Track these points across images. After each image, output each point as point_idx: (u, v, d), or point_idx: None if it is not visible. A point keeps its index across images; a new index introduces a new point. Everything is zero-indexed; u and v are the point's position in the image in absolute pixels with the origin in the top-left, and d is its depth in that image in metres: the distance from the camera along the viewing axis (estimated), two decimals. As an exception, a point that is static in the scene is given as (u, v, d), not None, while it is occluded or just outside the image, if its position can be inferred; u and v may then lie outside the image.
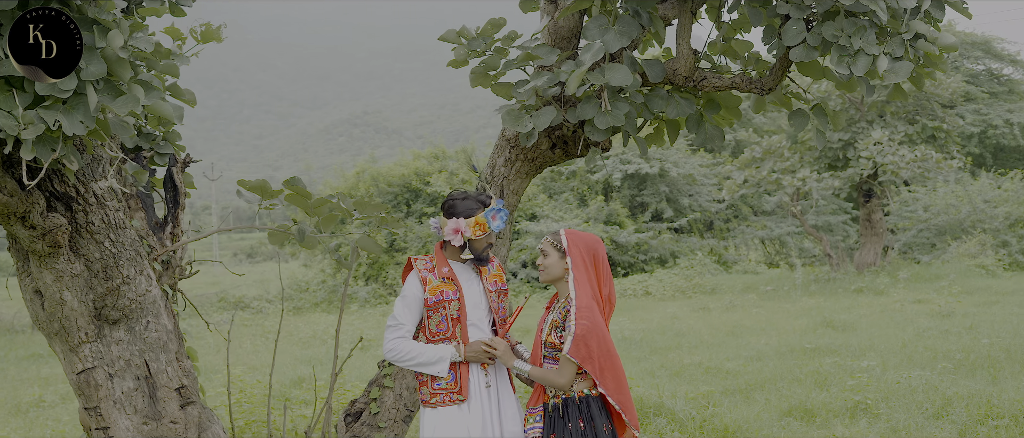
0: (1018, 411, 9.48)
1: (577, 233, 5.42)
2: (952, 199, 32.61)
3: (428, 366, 5.50)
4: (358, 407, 7.29)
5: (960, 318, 16.80)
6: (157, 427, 5.89)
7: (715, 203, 36.17)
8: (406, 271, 5.74)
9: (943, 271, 25.46)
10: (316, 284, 32.55)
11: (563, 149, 7.00)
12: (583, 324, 5.16)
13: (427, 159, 35.03)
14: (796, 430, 9.49)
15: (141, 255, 5.93)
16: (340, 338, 19.84)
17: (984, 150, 38.65)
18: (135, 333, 5.89)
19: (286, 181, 6.66)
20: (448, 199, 5.64)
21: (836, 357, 13.33)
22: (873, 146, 26.35)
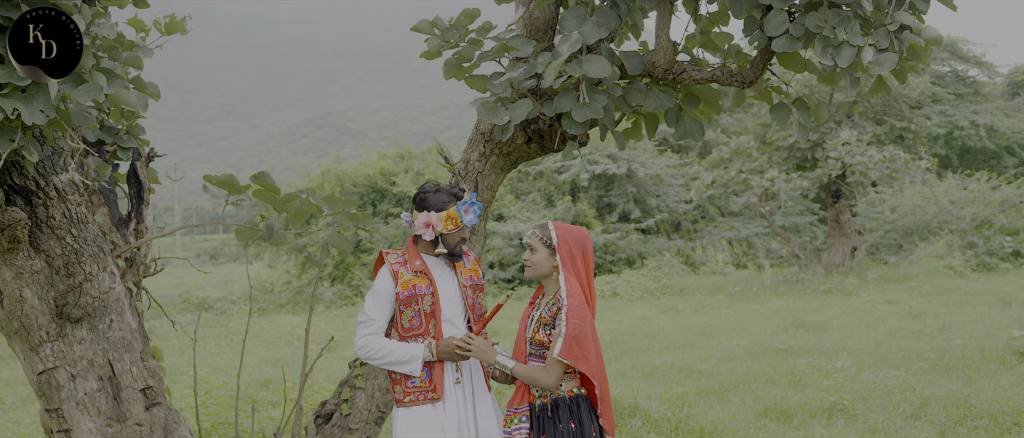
0: (996, 411, 9.38)
1: (566, 227, 5.21)
2: (919, 200, 32.65)
3: (399, 365, 5.31)
4: (329, 408, 7.10)
5: (931, 318, 16.75)
6: (121, 429, 5.68)
7: (683, 204, 36.10)
8: (377, 265, 5.55)
9: (912, 272, 25.47)
10: (281, 285, 32.30)
11: (539, 143, 6.83)
12: (575, 324, 4.96)
13: (393, 159, 34.82)
14: (773, 431, 9.36)
15: (104, 251, 5.72)
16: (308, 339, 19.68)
17: (950, 151, 38.77)
18: (98, 332, 5.68)
19: (254, 176, 6.47)
20: (420, 192, 5.46)
21: (809, 357, 13.23)
22: (841, 146, 26.33)
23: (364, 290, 30.52)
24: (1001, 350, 12.46)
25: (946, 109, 38.58)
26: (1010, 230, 31.38)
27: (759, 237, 36.30)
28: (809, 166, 28.37)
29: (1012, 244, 30.34)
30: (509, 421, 5.25)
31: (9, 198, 5.20)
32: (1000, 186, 33.63)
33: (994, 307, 18.05)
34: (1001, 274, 26.85)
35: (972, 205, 31.94)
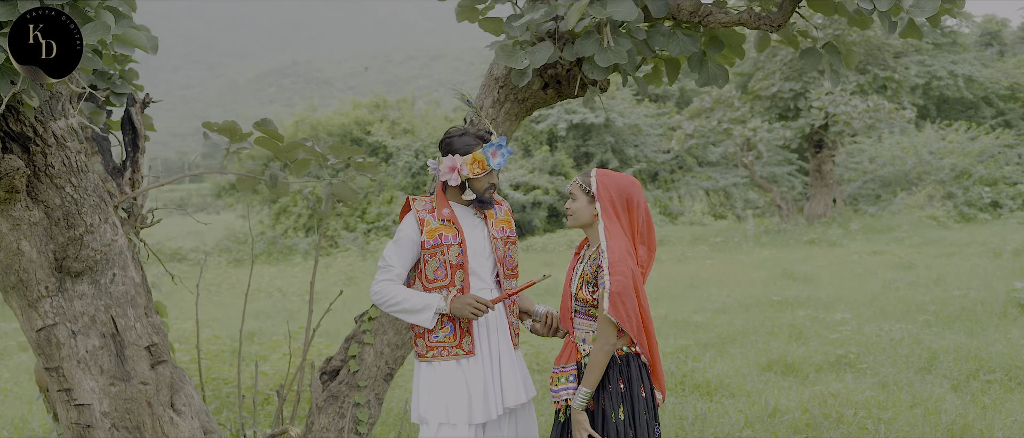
0: (1008, 364, 9.20)
1: (609, 174, 4.89)
2: (897, 151, 32.57)
3: (412, 314, 5.00)
4: (334, 364, 6.81)
5: (923, 270, 16.61)
6: (125, 388, 5.38)
7: (661, 154, 35.89)
8: (404, 212, 5.24)
9: (895, 222, 25.36)
10: (255, 236, 31.94)
11: (556, 89, 6.53)
12: (618, 280, 4.64)
13: (367, 108, 34.42)
14: (780, 385, 9.13)
15: (105, 201, 5.39)
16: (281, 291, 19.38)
17: (928, 102, 38.68)
18: (100, 286, 5.36)
19: (257, 123, 6.17)
20: (446, 136, 5.13)
21: (806, 310, 13.04)
22: (825, 96, 26.12)
23: (339, 240, 30.21)
24: (1002, 302, 12.29)
25: (924, 59, 38.44)
26: (988, 181, 31.36)
27: (737, 187, 36.17)
28: (792, 116, 28.15)
29: (991, 195, 30.31)
30: (556, 379, 4.96)
31: (5, 146, 4.87)
32: (978, 137, 33.59)
33: (984, 258, 17.92)
34: (981, 225, 26.79)
35: (951, 156, 31.89)
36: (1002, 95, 39.43)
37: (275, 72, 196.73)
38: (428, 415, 5.03)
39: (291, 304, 17.44)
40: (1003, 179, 31.72)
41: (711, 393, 8.93)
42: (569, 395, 4.89)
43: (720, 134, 27.14)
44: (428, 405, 5.05)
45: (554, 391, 4.96)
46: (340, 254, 27.14)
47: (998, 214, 29.33)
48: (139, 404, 5.43)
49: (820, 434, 6.97)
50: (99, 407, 5.37)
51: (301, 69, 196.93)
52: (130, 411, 5.42)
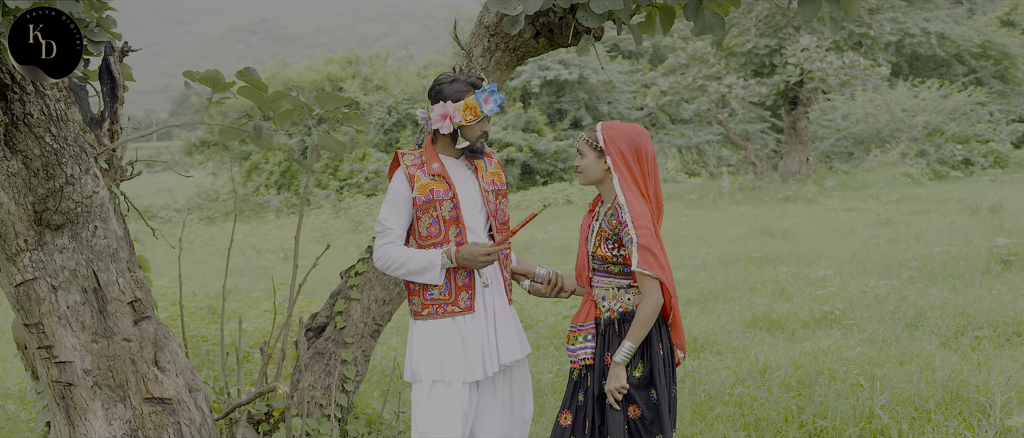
0: (996, 320, 9.14)
1: (615, 126, 4.73)
2: (870, 108, 32.55)
3: (418, 274, 4.85)
4: (320, 321, 6.66)
5: (901, 226, 16.58)
6: (108, 345, 5.19)
7: (634, 111, 35.74)
8: (393, 168, 5.07)
9: (870, 180, 25.36)
10: (225, 193, 31.67)
11: (548, 38, 6.35)
12: (643, 233, 4.53)
13: (340, 64, 34.12)
14: (767, 341, 9.05)
15: (86, 152, 5.20)
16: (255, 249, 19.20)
17: (901, 59, 38.68)
18: (81, 240, 5.17)
19: (239, 72, 5.96)
20: (435, 84, 4.95)
21: (787, 266, 12.97)
22: (800, 52, 26.01)
23: (312, 198, 30.02)
24: (984, 258, 12.25)
25: (897, 16, 38.39)
26: (960, 138, 31.41)
27: (710, 145, 36.09)
28: (767, 72, 28.03)
29: (963, 152, 30.36)
30: (573, 338, 4.83)
31: (-18, 93, 4.67)
32: (951, 95, 33.62)
33: (961, 215, 17.92)
34: (953, 182, 26.85)
35: (923, 113, 31.91)
36: (974, 53, 39.47)
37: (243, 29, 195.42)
38: (422, 373, 4.90)
39: (265, 261, 17.29)
40: (975, 137, 31.78)
41: (698, 350, 8.83)
42: (587, 355, 4.78)
43: (695, 91, 27.02)
44: (422, 363, 4.92)
45: (571, 350, 4.84)
46: (313, 212, 26.94)
47: (970, 172, 29.39)
48: (122, 361, 5.26)
49: (813, 391, 6.87)
50: (81, 364, 5.20)
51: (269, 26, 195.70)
52: (113, 368, 5.25)
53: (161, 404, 5.33)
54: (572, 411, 4.89)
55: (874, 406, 6.29)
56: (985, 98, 34.58)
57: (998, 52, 39.34)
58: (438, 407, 4.88)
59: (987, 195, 20.71)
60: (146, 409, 5.30)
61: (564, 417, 4.91)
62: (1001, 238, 12.77)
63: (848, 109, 32.95)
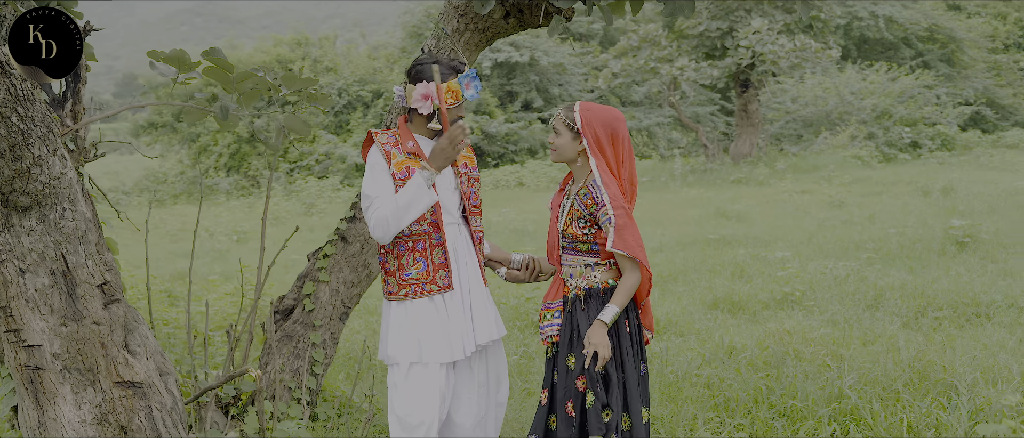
0: (955, 301, 9.22)
1: (593, 108, 4.74)
2: (819, 91, 32.76)
3: (415, 203, 4.66)
4: (288, 303, 6.60)
5: (854, 208, 16.70)
6: (78, 328, 5.12)
7: (585, 93, 35.76)
8: (366, 145, 4.99)
9: (821, 162, 25.52)
10: (174, 175, 31.38)
11: (518, 18, 6.33)
12: (620, 214, 4.56)
13: (289, 45, 33.87)
14: (729, 323, 9.08)
15: (54, 132, 5.10)
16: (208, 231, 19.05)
17: (849, 42, 38.91)
18: (49, 222, 5.08)
19: (204, 53, 5.88)
20: (416, 63, 4.89)
21: (745, 248, 13.02)
22: (752, 35, 26.11)
23: (262, 180, 29.81)
24: (940, 240, 12.37)
25: (846, 0, 38.65)
26: (908, 121, 31.69)
27: (660, 127, 36.17)
28: (719, 55, 28.12)
29: (910, 135, 30.62)
30: (543, 316, 4.86)
31: (-54, 72, 4.57)
32: (899, 78, 33.89)
33: (913, 197, 18.08)
34: (902, 164, 27.07)
35: (872, 96, 32.14)
36: (921, 36, 39.81)
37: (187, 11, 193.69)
38: (399, 355, 4.86)
39: (219, 244, 17.15)
40: (922, 119, 32.08)
41: (661, 332, 8.84)
42: (554, 331, 4.80)
43: (647, 73, 27.08)
44: (399, 344, 4.88)
45: (541, 328, 4.86)
46: (265, 194, 26.71)
47: (918, 154, 29.65)
48: (92, 345, 5.19)
49: (781, 372, 6.90)
50: (49, 348, 5.12)
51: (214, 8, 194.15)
52: (82, 352, 5.18)
53: (132, 388, 5.27)
54: (549, 389, 4.92)
55: (842, 386, 6.32)
56: (932, 81, 34.93)
57: (944, 36, 39.70)
58: (416, 389, 4.85)
59: (937, 177, 20.91)
60: (116, 393, 5.23)
61: (543, 396, 4.93)
62: (956, 219, 12.89)
63: (797, 92, 33.14)
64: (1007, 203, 15.76)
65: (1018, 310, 8.95)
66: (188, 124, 32.67)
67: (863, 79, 33.44)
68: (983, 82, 38.98)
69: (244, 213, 22.41)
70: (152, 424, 5.31)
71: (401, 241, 4.85)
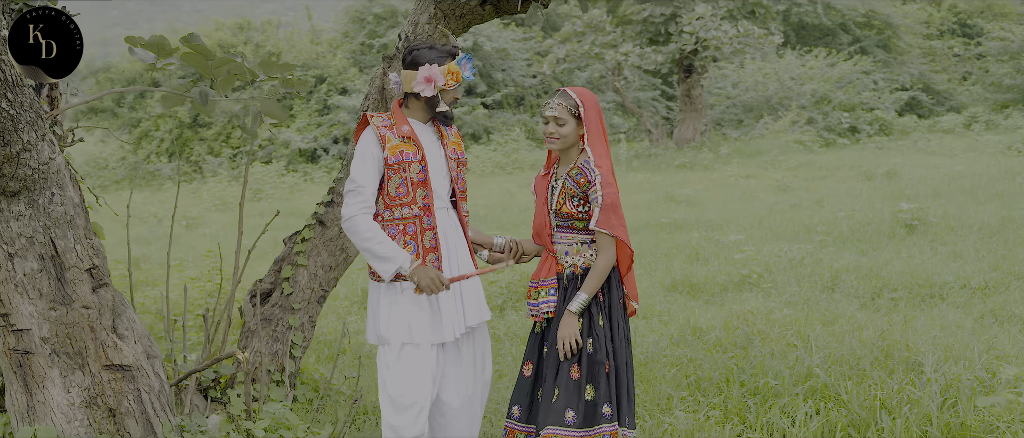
0: (909, 282, 9.45)
1: (583, 92, 4.89)
2: (760, 77, 33.08)
3: (375, 259, 4.87)
4: (265, 287, 6.66)
5: (801, 193, 16.95)
6: (67, 312, 5.16)
7: (528, 78, 35.84)
8: (360, 128, 5.10)
9: (764, 147, 25.81)
10: (115, 161, 31.11)
11: (495, 5, 6.42)
12: (609, 193, 4.75)
13: (231, 29, 33.64)
14: (689, 305, 9.23)
15: (42, 118, 5.13)
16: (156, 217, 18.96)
17: (788, 28, 39.26)
18: (38, 207, 5.12)
19: (183, 38, 5.92)
20: (411, 49, 4.99)
21: (698, 231, 13.20)
22: (695, 21, 26.32)
23: (204, 166, 29.66)
24: (889, 223, 12.61)
25: (786, -15, 38.99)
26: (847, 106, 32.10)
27: (603, 111, 36.28)
28: (662, 41, 28.31)
29: (849, 120, 31.02)
30: (535, 293, 4.98)
31: (-65, 58, 4.59)
32: (837, 63, 34.29)
33: (858, 181, 18.37)
34: (841, 149, 27.43)
35: (811, 82, 32.51)
36: (858, 22, 40.24)
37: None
38: (390, 335, 4.97)
39: (168, 229, 17.06)
40: (861, 105, 32.49)
41: (624, 313, 8.96)
42: (550, 308, 4.93)
43: (592, 58, 27.22)
44: (389, 325, 4.98)
45: (534, 304, 5.00)
46: (210, 179, 26.59)
47: (856, 139, 30.03)
48: (81, 328, 5.23)
49: (749, 352, 7.06)
50: (38, 332, 5.16)
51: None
52: (71, 336, 5.22)
53: (120, 371, 5.32)
54: (534, 362, 5.07)
55: (811, 365, 6.48)
56: (870, 67, 35.37)
57: (881, 21, 40.17)
58: (407, 369, 4.95)
59: (879, 162, 21.22)
60: (106, 376, 5.28)
61: (527, 368, 5.10)
62: (904, 203, 13.14)
63: (738, 77, 33.45)
64: (950, 187, 16.08)
65: (971, 291, 9.19)
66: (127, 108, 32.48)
67: (802, 65, 33.81)
68: (919, 68, 39.50)
69: (190, 198, 22.31)
70: (140, 406, 5.36)
71: (392, 224, 4.96)
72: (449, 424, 5.22)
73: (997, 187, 15.80)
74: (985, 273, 9.71)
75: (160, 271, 11.44)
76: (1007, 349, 6.87)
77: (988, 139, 26.48)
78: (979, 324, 7.98)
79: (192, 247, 14.16)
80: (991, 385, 5.81)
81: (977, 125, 31.56)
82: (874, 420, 5.57)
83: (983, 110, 33.65)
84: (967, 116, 33.12)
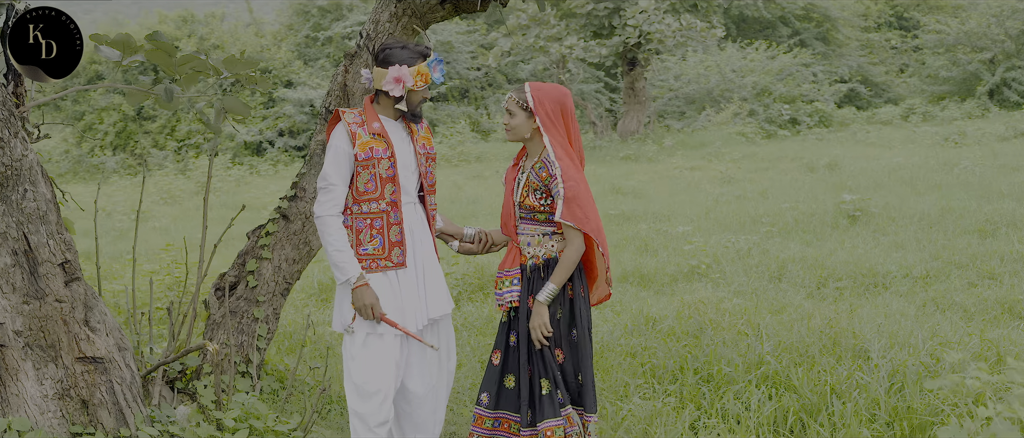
0: (853, 272, 9.70)
1: (543, 87, 5.06)
2: (701, 69, 33.39)
3: (334, 265, 5.09)
4: (230, 279, 6.76)
5: (745, 184, 17.21)
6: (40, 306, 5.26)
7: (472, 71, 35.93)
8: (332, 124, 5.24)
9: (707, 139, 26.11)
10: (58, 154, 30.88)
11: (454, 4, 6.57)
12: (570, 185, 4.91)
13: (174, 22, 33.46)
14: (641, 295, 9.43)
15: (14, 115, 5.22)
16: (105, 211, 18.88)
17: (729, 20, 39.61)
18: (11, 203, 5.21)
19: (148, 36, 6.02)
20: (384, 48, 5.13)
21: (645, 223, 13.41)
22: (639, 14, 26.54)
23: (149, 159, 29.53)
24: (832, 214, 12.89)
25: (725, -22, 39.34)
26: (787, 98, 32.50)
27: (545, 104, 36.38)
28: (606, 34, 28.53)
29: (789, 112, 31.42)
30: (500, 283, 5.16)
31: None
32: (777, 56, 34.69)
33: (800, 172, 18.68)
34: (782, 141, 27.80)
35: (752, 74, 32.87)
36: (797, 15, 40.70)
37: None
38: (355, 325, 5.12)
39: (118, 223, 17.09)
40: (800, 97, 32.92)
41: (573, 304, 9.13)
42: (513, 297, 5.13)
43: (537, 51, 27.38)
44: (355, 315, 5.12)
45: (499, 294, 5.19)
46: (158, 172, 26.48)
47: (797, 130, 30.43)
48: (54, 322, 5.34)
49: (701, 340, 7.25)
50: (12, 325, 5.26)
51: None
52: (45, 329, 5.33)
53: (93, 363, 5.43)
54: (502, 350, 5.26)
55: (762, 353, 6.68)
56: (809, 59, 35.82)
57: (819, 14, 40.65)
58: (372, 358, 5.12)
59: (820, 154, 21.57)
60: (78, 368, 5.39)
61: (495, 356, 5.29)
62: (846, 194, 13.43)
63: (680, 70, 33.74)
64: (890, 178, 16.40)
65: (913, 280, 9.45)
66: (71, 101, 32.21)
67: (743, 58, 34.17)
68: (857, 60, 40.06)
69: (134, 190, 22.23)
70: (113, 397, 5.48)
71: (360, 218, 5.13)
72: (414, 412, 5.38)
73: (935, 178, 16.16)
74: (926, 262, 9.98)
75: (115, 265, 11.47)
76: (950, 336, 7.12)
77: (925, 130, 26.96)
78: (922, 312, 8.24)
79: (144, 240, 14.18)
80: (936, 370, 6.04)
81: (914, 117, 32.09)
82: (825, 404, 5.78)
83: (920, 102, 34.18)
84: (904, 108, 33.68)
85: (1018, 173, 16.24)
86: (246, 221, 11.59)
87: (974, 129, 25.61)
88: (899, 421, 5.50)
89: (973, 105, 32.65)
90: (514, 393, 5.21)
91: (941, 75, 36.11)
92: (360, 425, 5.17)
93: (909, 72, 41.09)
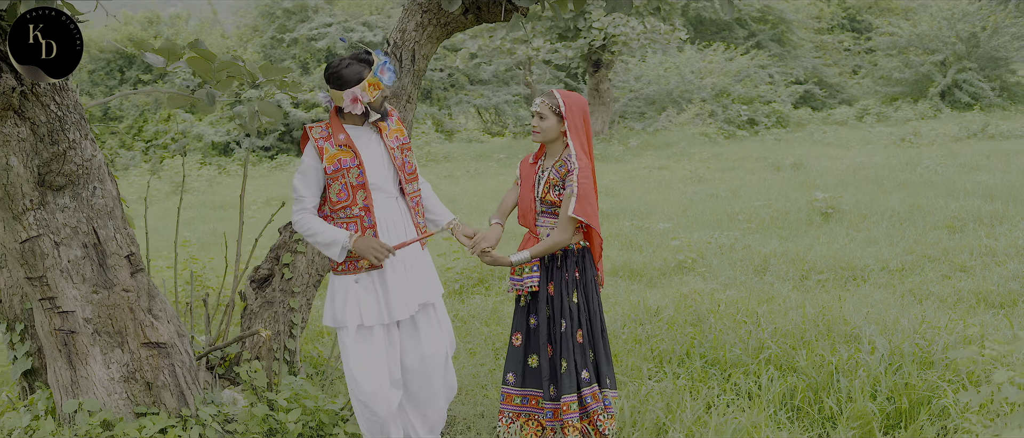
0: (833, 265, 10.19)
1: (570, 95, 5.57)
2: (661, 71, 33.86)
3: (324, 247, 5.44)
4: (263, 273, 7.16)
5: (715, 183, 17.67)
6: (109, 295, 5.65)
7: (436, 72, 36.24)
8: (303, 142, 5.59)
9: (672, 139, 26.57)
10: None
11: (476, 14, 6.99)
12: (584, 184, 5.41)
13: (140, 23, 33.54)
14: (632, 288, 9.85)
15: (84, 118, 5.62)
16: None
17: (687, 22, 40.16)
18: (81, 199, 5.61)
19: (190, 43, 6.42)
20: (330, 71, 5.41)
21: (626, 220, 13.82)
22: (604, 17, 26.98)
23: (117, 160, 29.66)
24: (806, 211, 13.39)
25: (685, -18, 39.89)
26: (745, 99, 33.07)
27: (508, 105, 36.84)
28: (572, 36, 28.98)
29: (747, 112, 31.99)
30: (519, 270, 5.63)
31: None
32: (735, 58, 35.26)
33: (766, 172, 19.17)
34: (741, 141, 28.29)
35: (711, 76, 33.40)
36: (754, 17, 41.36)
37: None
38: (346, 319, 5.51)
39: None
40: (758, 98, 33.50)
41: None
42: (533, 283, 5.62)
43: (504, 53, 27.75)
44: (344, 310, 5.53)
45: (518, 280, 5.66)
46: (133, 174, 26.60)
47: (755, 131, 30.97)
48: (121, 310, 5.71)
49: (704, 328, 7.69)
50: (82, 313, 5.63)
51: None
52: (112, 316, 5.70)
53: (157, 348, 5.82)
54: (522, 333, 5.77)
55: (764, 338, 7.15)
56: (766, 61, 36.45)
57: (775, 17, 41.33)
58: (365, 348, 5.53)
59: (783, 153, 22.12)
60: (143, 353, 5.78)
61: (516, 338, 5.80)
62: (818, 192, 13.95)
63: (641, 71, 34.20)
64: (856, 177, 16.94)
65: (890, 272, 9.96)
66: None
67: (702, 59, 34.72)
68: (811, 61, 40.80)
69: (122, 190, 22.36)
70: (175, 380, 5.88)
71: (337, 225, 5.51)
72: (423, 382, 5.73)
73: (900, 177, 16.70)
74: (901, 256, 10.49)
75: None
76: (935, 322, 7.61)
77: (880, 131, 27.55)
78: (902, 302, 8.74)
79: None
80: (929, 352, 6.54)
81: (869, 117, 32.76)
82: (831, 382, 6.28)
83: (874, 103, 34.88)
84: (859, 109, 34.36)
85: (979, 172, 16.83)
86: (228, 219, 11.88)
87: (928, 129, 26.25)
88: (898, 396, 5.99)
89: (925, 106, 33.37)
90: (537, 371, 5.72)
91: (894, 76, 36.85)
92: (363, 410, 5.61)
93: (862, 74, 41.88)
